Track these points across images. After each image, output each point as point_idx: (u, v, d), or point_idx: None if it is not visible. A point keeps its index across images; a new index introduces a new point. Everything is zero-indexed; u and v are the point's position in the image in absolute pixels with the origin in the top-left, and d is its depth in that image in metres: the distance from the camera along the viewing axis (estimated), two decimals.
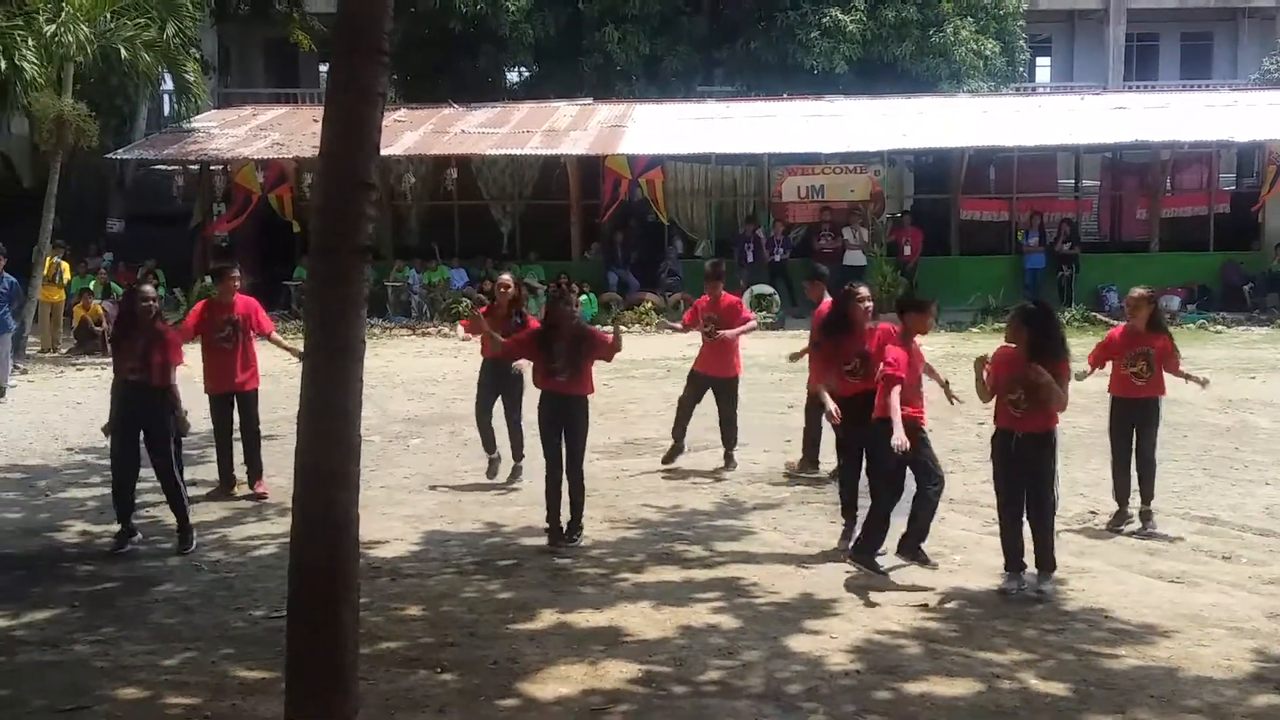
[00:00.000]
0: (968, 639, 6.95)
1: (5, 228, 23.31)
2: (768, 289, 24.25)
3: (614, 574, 8.31)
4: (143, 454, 9.09)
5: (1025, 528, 7.90)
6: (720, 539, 9.18)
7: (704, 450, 12.04)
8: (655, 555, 8.76)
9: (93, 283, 23.98)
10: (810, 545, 8.97)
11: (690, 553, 8.82)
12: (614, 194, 25.04)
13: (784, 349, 12.28)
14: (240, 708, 6.10)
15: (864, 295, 8.88)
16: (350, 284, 5.16)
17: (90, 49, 20.46)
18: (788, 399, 14.48)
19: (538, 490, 9.59)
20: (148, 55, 21.54)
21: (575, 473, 9.17)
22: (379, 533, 9.24)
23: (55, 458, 12.51)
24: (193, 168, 27.02)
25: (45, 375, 18.92)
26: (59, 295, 22.29)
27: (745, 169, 26.11)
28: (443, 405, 14.90)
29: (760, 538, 9.21)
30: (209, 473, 11.03)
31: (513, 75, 34.23)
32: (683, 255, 25.35)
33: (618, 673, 6.47)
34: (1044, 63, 41.83)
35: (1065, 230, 24.74)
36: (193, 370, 10.23)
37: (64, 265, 22.61)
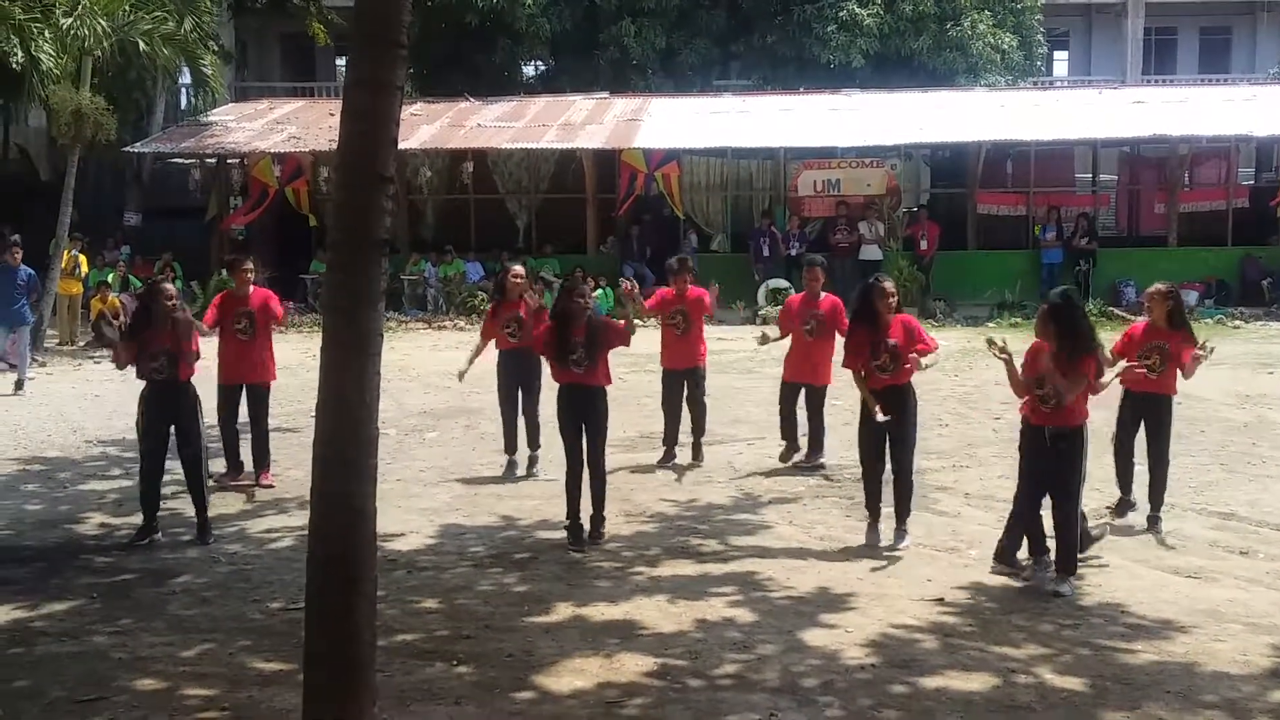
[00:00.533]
0: (984, 633, 6.95)
1: (23, 221, 23.48)
2: (784, 283, 24.20)
3: (629, 567, 8.32)
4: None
5: (1040, 518, 7.87)
6: (736, 533, 9.18)
7: (718, 444, 12.05)
8: (670, 549, 8.77)
9: (110, 276, 24.06)
10: (826, 540, 8.97)
11: (706, 546, 8.83)
12: (630, 188, 25.02)
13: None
14: (257, 699, 6.13)
15: (890, 290, 8.87)
16: (367, 277, 5.16)
17: (108, 42, 20.54)
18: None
19: (554, 484, 9.60)
20: (166, 49, 21.62)
21: (596, 466, 9.09)
22: (395, 525, 9.26)
23: (75, 450, 12.57)
24: (210, 161, 27.10)
25: (63, 368, 19.00)
26: (77, 288, 22.37)
27: (761, 163, 26.08)
28: (459, 398, 14.90)
29: (776, 532, 9.21)
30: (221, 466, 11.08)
31: (529, 69, 34.23)
32: (698, 249, 25.33)
33: (633, 666, 6.48)
34: (1061, 57, 41.67)
35: (1083, 225, 24.65)
36: (210, 362, 10.27)
37: (82, 258, 22.69)
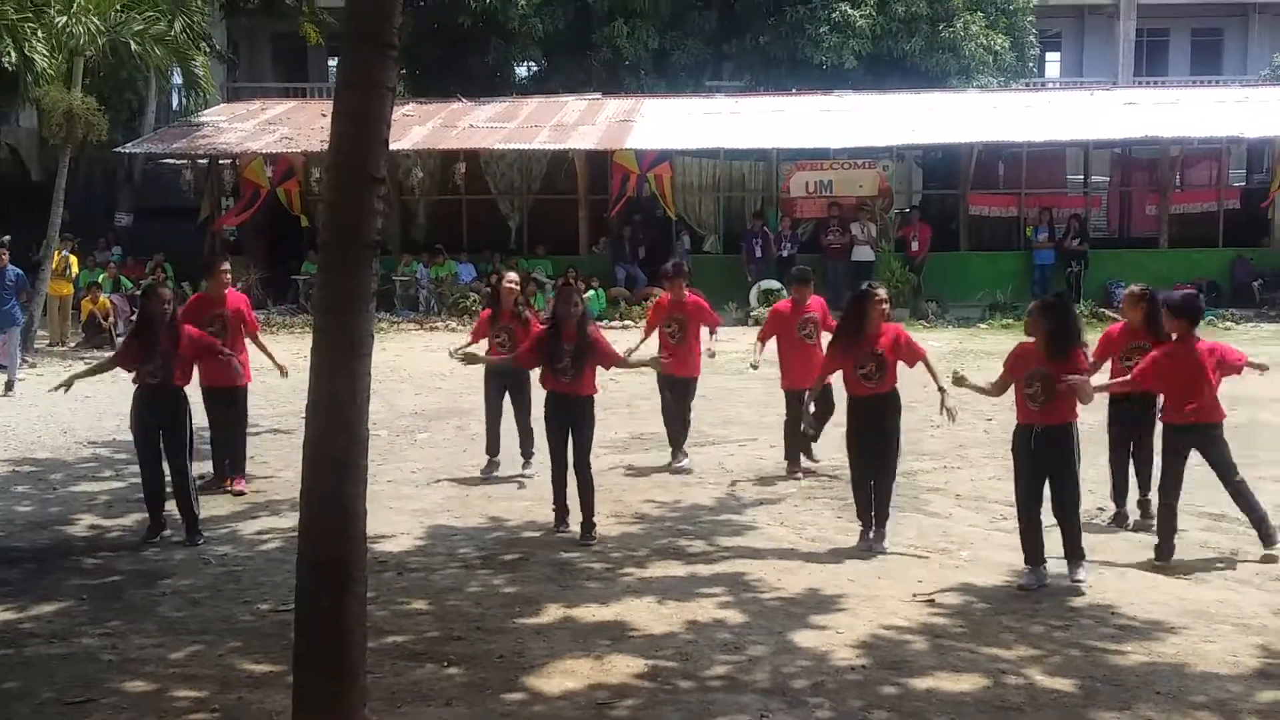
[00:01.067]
0: (974, 635, 6.95)
1: (14, 221, 23.42)
2: (775, 284, 24.21)
3: (619, 569, 8.32)
4: None
5: (1039, 522, 7.88)
6: (726, 534, 9.18)
7: (709, 445, 12.06)
8: (661, 550, 8.77)
9: (101, 276, 24.02)
10: (817, 541, 8.97)
11: (696, 547, 8.83)
12: (622, 189, 25.02)
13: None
14: (248, 700, 6.12)
15: (882, 297, 8.89)
16: (358, 278, 5.17)
17: (100, 42, 20.49)
18: None
19: (544, 485, 9.61)
20: (157, 49, 21.57)
21: (583, 471, 9.18)
22: (386, 526, 9.26)
23: (65, 451, 12.55)
24: (201, 162, 27.08)
25: (54, 369, 18.92)
26: (67, 289, 22.31)
27: (754, 164, 26.10)
28: (450, 399, 14.91)
29: (766, 533, 9.22)
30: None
31: (521, 70, 34.21)
32: (691, 250, 25.33)
33: (624, 667, 6.48)
34: (1054, 58, 41.74)
35: (1074, 226, 24.69)
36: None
37: (72, 259, 22.65)
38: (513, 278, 11.46)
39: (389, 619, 7.28)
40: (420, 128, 26.36)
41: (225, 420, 10.70)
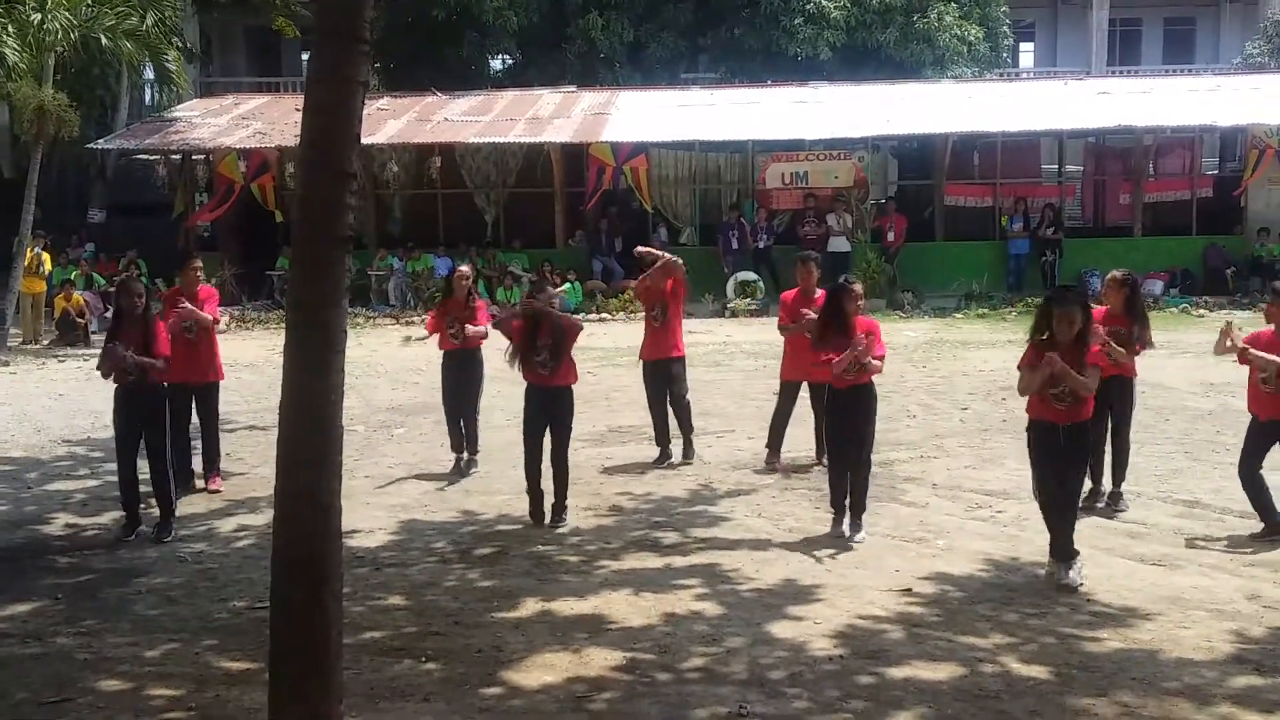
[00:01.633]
0: (950, 623, 6.98)
1: None
2: (752, 275, 24.26)
3: (596, 562, 8.32)
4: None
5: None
6: (703, 526, 9.19)
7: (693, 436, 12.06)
8: (638, 542, 8.77)
9: (74, 273, 23.88)
10: (794, 532, 8.99)
11: (673, 540, 8.83)
12: (598, 181, 25.00)
13: (768, 336, 12.28)
14: (224, 698, 6.10)
15: (858, 292, 8.95)
16: (331, 273, 5.14)
17: (72, 37, 20.35)
18: (774, 385, 14.49)
19: (521, 479, 9.59)
20: (129, 44, 21.42)
21: (560, 462, 9.30)
22: (362, 522, 9.25)
23: (40, 450, 12.47)
24: (175, 157, 26.88)
25: (27, 367, 18.85)
26: (40, 286, 22.18)
27: (729, 156, 26.08)
28: (426, 394, 14.85)
29: (744, 524, 9.22)
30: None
31: (496, 63, 34.12)
32: (667, 242, 25.32)
33: (602, 660, 6.48)
34: (1027, 48, 41.88)
35: (1048, 215, 24.79)
36: None
37: (45, 256, 22.50)
38: (464, 270, 11.42)
39: (366, 615, 7.27)
40: (395, 121, 26.27)
41: (201, 418, 10.60)
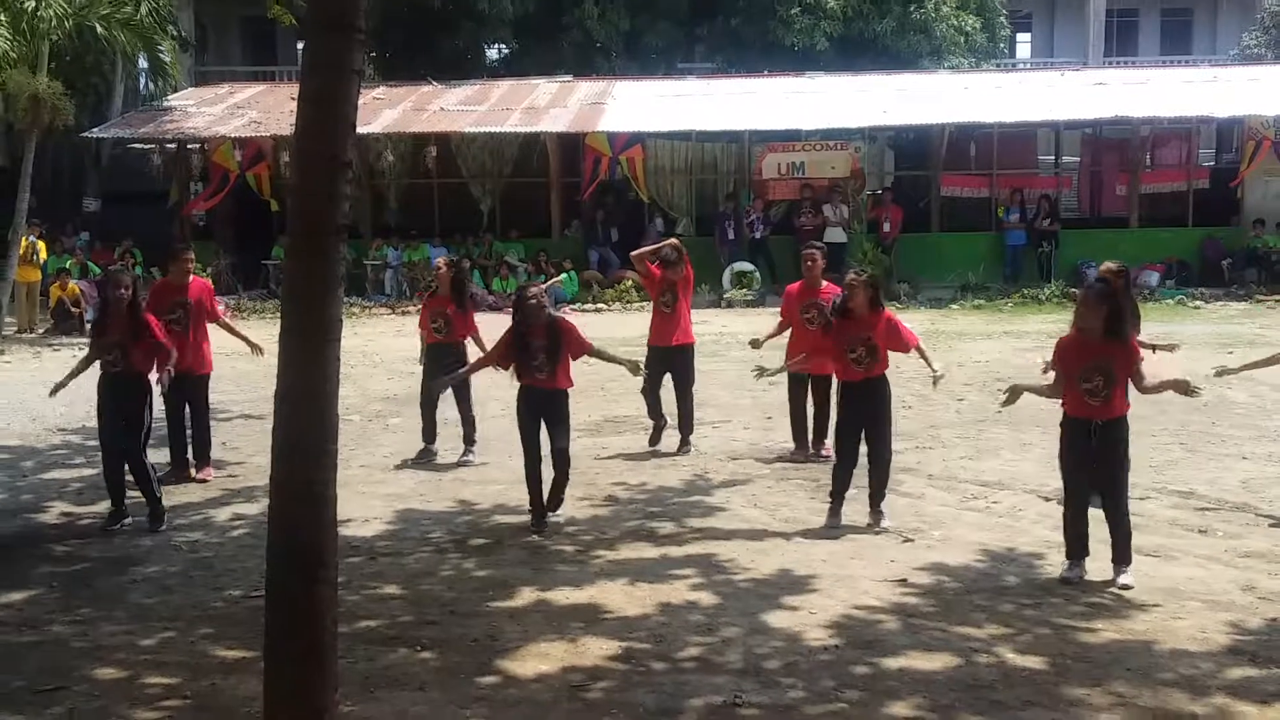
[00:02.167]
0: (946, 614, 6.98)
1: None
2: (748, 266, 24.26)
3: (592, 551, 8.32)
4: None
5: (1086, 517, 7.67)
6: (699, 515, 9.19)
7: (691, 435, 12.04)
8: (634, 532, 8.77)
9: (69, 262, 23.83)
10: (790, 522, 8.99)
11: (669, 529, 8.83)
12: (594, 171, 25.00)
13: (764, 326, 12.27)
14: (220, 687, 6.10)
15: (861, 280, 8.95)
16: (327, 263, 5.12)
17: (66, 26, 20.29)
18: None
19: (516, 468, 9.57)
20: (123, 33, 21.37)
21: (561, 465, 9.07)
22: (358, 511, 9.24)
23: (36, 438, 12.46)
24: (170, 146, 26.86)
25: (22, 356, 18.82)
26: (35, 275, 22.13)
27: (726, 146, 26.07)
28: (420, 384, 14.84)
29: (739, 514, 9.23)
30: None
31: (492, 52, 34.07)
32: (663, 233, 25.28)
33: (597, 649, 6.49)
34: (1024, 39, 41.88)
35: (1045, 206, 24.81)
36: None
37: (40, 245, 22.46)
38: (439, 262, 11.35)
39: (361, 604, 7.26)
40: (390, 111, 26.24)
41: (183, 409, 10.56)
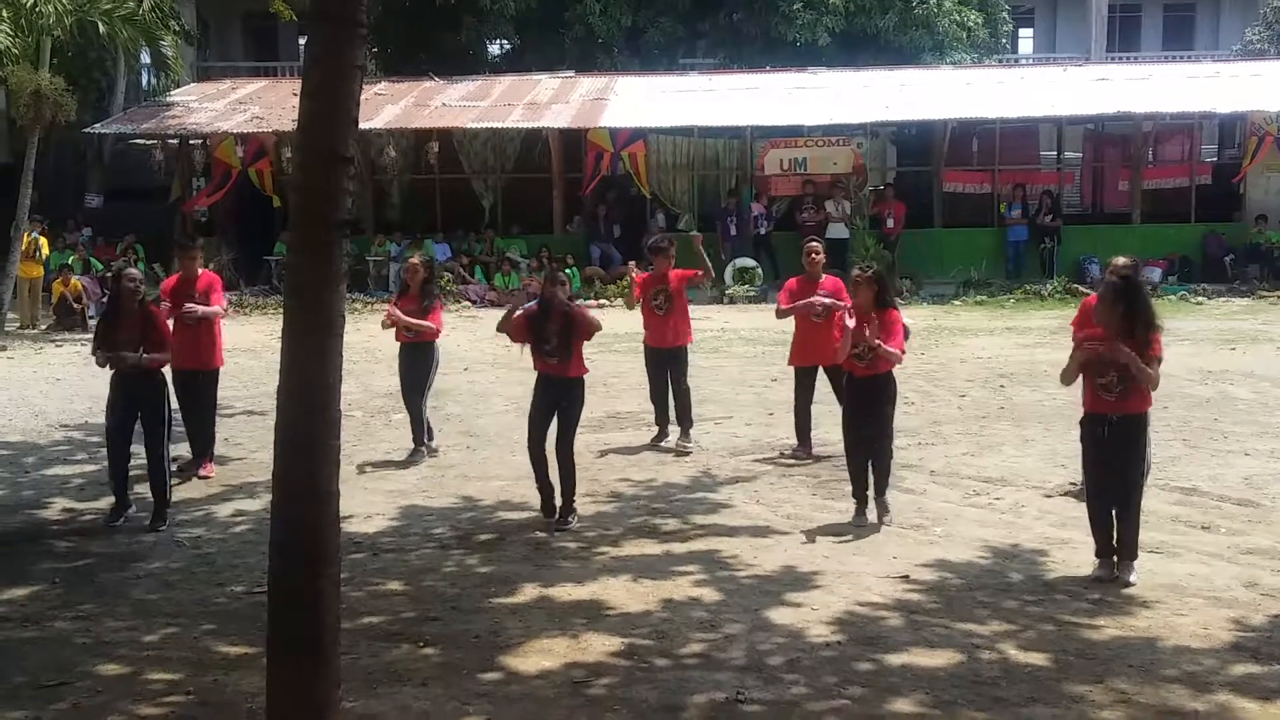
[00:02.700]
0: (948, 610, 6.98)
1: None
2: (750, 262, 24.24)
3: (594, 548, 8.32)
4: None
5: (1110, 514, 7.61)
6: (701, 512, 9.19)
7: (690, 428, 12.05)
8: (636, 529, 8.77)
9: (72, 258, 23.81)
10: (792, 518, 8.99)
11: (671, 526, 8.84)
12: (596, 167, 24.98)
13: (766, 323, 12.28)
14: (222, 683, 6.11)
15: (865, 276, 8.90)
16: (329, 259, 5.12)
17: (67, 21, 20.29)
18: (772, 372, 14.50)
19: (519, 464, 9.58)
20: (125, 29, 21.36)
21: (565, 455, 9.08)
22: (360, 507, 9.24)
23: (38, 434, 12.46)
24: (172, 142, 26.84)
25: (25, 352, 18.82)
26: (37, 271, 22.12)
27: (728, 142, 26.04)
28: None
29: (742, 510, 9.23)
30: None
31: (494, 48, 34.02)
32: (665, 229, 25.28)
33: (600, 646, 6.49)
34: (1026, 34, 41.78)
35: (1047, 202, 24.78)
36: None
37: (42, 241, 22.45)
38: (414, 262, 11.27)
39: (364, 600, 7.27)
40: (392, 106, 26.21)
41: (194, 403, 10.66)
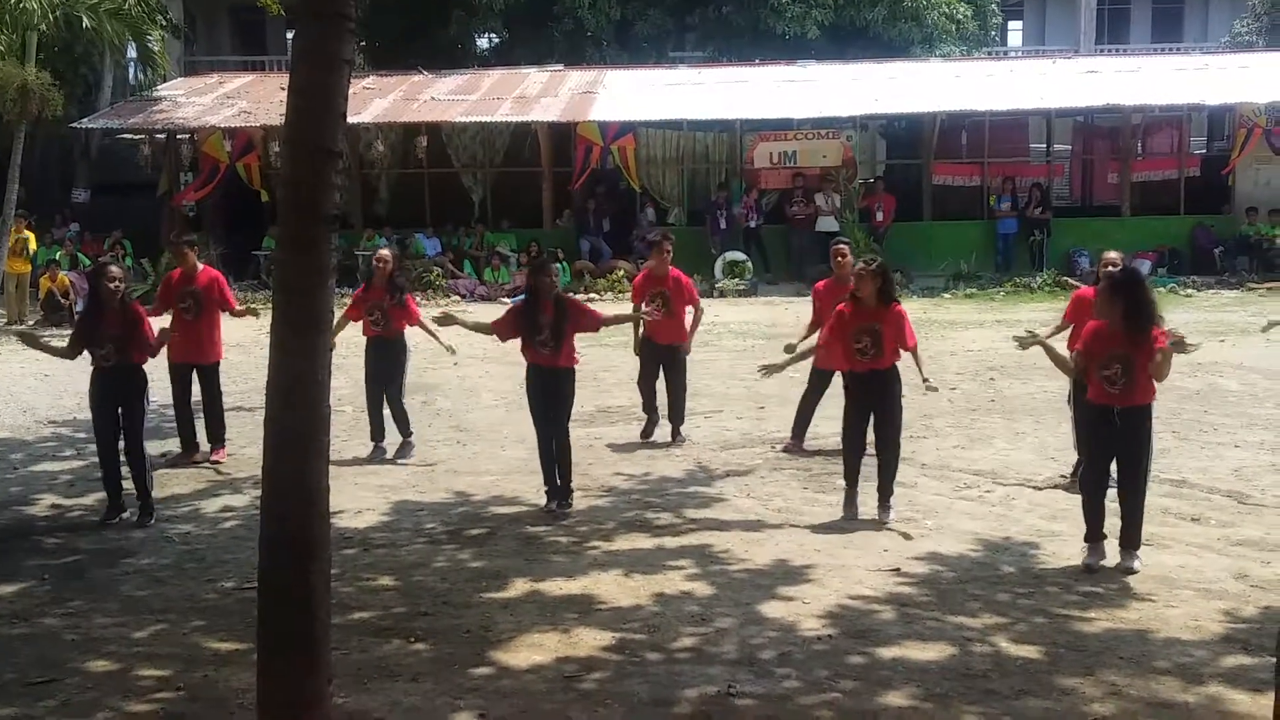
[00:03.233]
0: (940, 603, 6.98)
1: None
2: (740, 255, 24.24)
3: (586, 542, 8.31)
4: None
5: (1104, 502, 7.68)
6: (692, 506, 9.18)
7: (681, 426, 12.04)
8: (627, 523, 8.76)
9: (59, 254, 23.75)
10: (784, 512, 8.98)
11: (662, 520, 8.83)
12: (585, 161, 24.94)
13: (756, 316, 12.26)
14: (212, 679, 6.08)
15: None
16: (317, 253, 5.10)
17: (53, 16, 20.21)
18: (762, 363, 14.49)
19: (510, 459, 9.58)
20: (111, 24, 21.29)
21: (561, 443, 9.20)
22: (351, 502, 9.22)
23: (26, 431, 12.42)
24: (159, 137, 26.76)
25: (12, 347, 18.71)
26: (25, 267, 22.06)
27: (717, 135, 26.03)
28: (414, 374, 14.74)
29: (733, 504, 9.22)
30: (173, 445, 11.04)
31: (483, 41, 33.99)
32: (655, 222, 25.26)
33: (591, 640, 6.48)
34: (1016, 26, 41.85)
35: (1037, 195, 24.80)
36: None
37: (29, 236, 22.37)
38: (384, 254, 11.22)
39: (354, 595, 7.25)
40: (381, 100, 26.16)
41: (204, 396, 10.83)
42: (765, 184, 25.50)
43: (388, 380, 11.02)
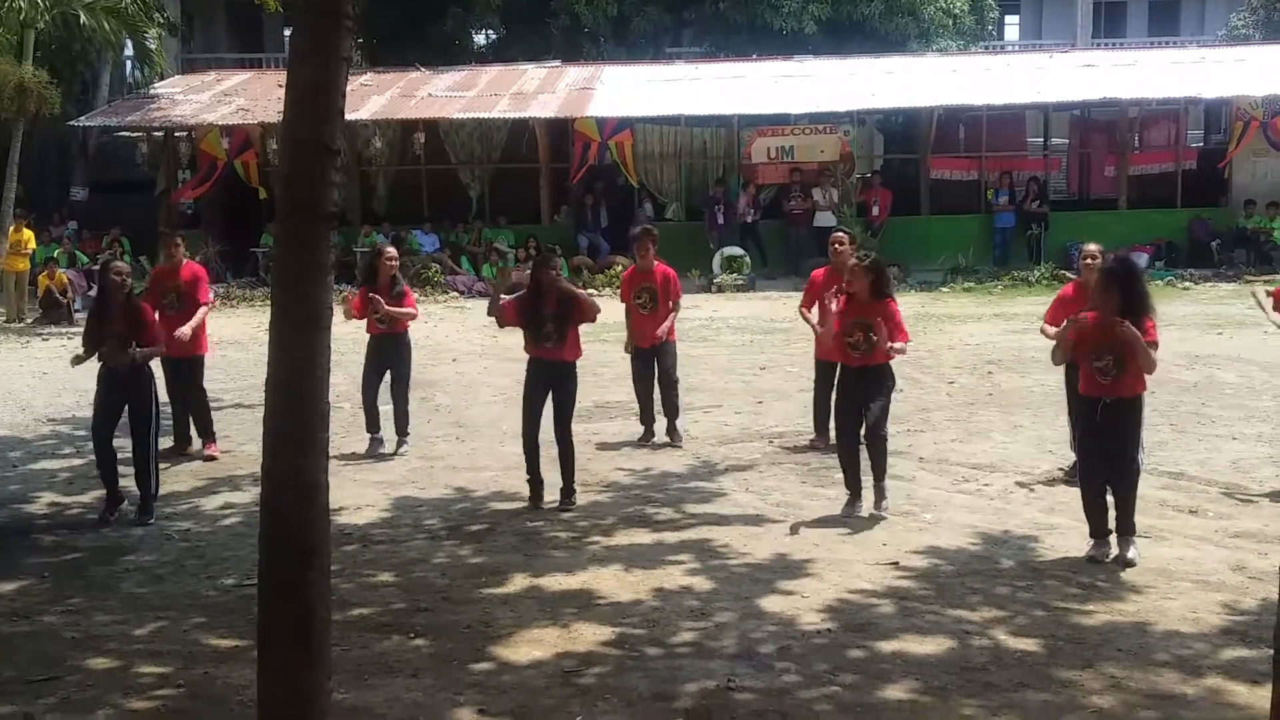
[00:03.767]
0: (940, 597, 6.99)
1: None
2: (738, 251, 24.24)
3: (586, 537, 8.32)
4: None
5: (1104, 496, 7.69)
6: (692, 501, 9.19)
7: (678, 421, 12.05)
8: (627, 518, 8.77)
9: (57, 252, 23.74)
10: (783, 506, 8.99)
11: (662, 515, 8.84)
12: (583, 157, 24.94)
13: (754, 311, 12.26)
14: (213, 676, 6.09)
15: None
16: (316, 250, 5.10)
17: (50, 14, 20.20)
18: (760, 360, 14.52)
19: (509, 455, 9.58)
20: (108, 21, 21.28)
21: (564, 437, 9.18)
22: (351, 499, 9.23)
23: (24, 428, 12.41)
24: (157, 134, 26.74)
25: (11, 346, 18.75)
26: (24, 265, 22.05)
27: (715, 130, 26.02)
28: (414, 370, 14.82)
29: (732, 499, 9.23)
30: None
31: (480, 38, 33.95)
32: (653, 218, 25.27)
33: (591, 635, 6.49)
34: (1013, 21, 41.80)
35: (1034, 189, 24.81)
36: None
37: (28, 234, 22.36)
38: (391, 252, 11.24)
39: (354, 591, 7.26)
40: (378, 97, 26.14)
41: (186, 389, 10.92)
42: (763, 179, 25.50)
43: (394, 379, 11.05)
